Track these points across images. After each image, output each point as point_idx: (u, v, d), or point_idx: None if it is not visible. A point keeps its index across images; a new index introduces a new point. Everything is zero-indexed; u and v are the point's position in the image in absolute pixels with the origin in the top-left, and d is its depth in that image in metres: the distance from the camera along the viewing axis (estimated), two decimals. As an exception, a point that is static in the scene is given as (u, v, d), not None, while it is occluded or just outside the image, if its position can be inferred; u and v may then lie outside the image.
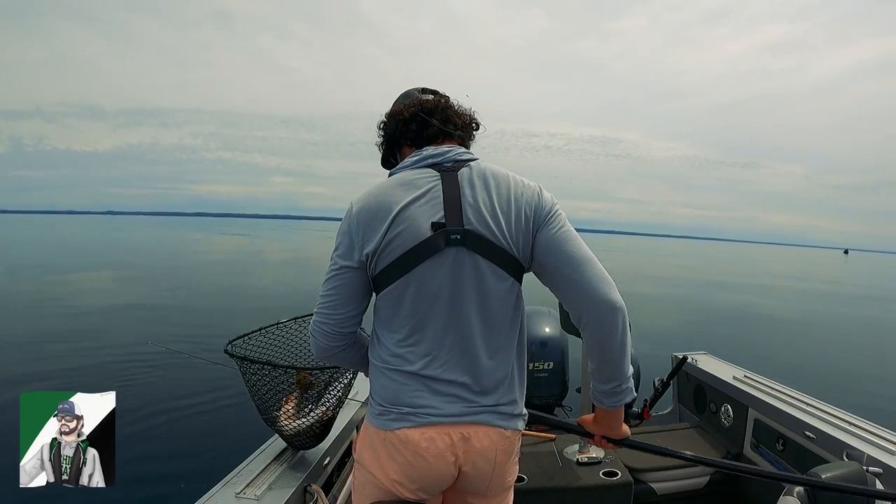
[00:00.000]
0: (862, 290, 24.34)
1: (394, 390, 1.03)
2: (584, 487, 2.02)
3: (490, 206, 1.02)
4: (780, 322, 11.84)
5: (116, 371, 5.60)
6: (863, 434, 1.76)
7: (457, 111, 1.15)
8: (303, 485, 1.53)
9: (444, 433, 1.01)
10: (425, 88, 1.19)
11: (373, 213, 1.01)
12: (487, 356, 1.04)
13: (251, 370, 1.53)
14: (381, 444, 1.03)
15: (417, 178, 1.04)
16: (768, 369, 2.79)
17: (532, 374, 2.99)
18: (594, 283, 0.99)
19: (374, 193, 1.04)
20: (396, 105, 1.17)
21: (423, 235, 0.99)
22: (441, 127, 1.11)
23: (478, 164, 1.07)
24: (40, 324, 8.13)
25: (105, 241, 36.82)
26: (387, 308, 1.05)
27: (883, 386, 6.69)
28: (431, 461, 1.01)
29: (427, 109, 1.12)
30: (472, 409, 1.03)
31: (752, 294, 17.55)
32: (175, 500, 2.99)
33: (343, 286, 1.04)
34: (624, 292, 1.02)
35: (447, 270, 1.01)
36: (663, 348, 3.37)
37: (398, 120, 1.13)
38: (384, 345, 1.06)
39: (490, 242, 1.01)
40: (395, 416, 1.02)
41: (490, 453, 1.05)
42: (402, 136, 1.14)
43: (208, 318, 8.73)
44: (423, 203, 1.01)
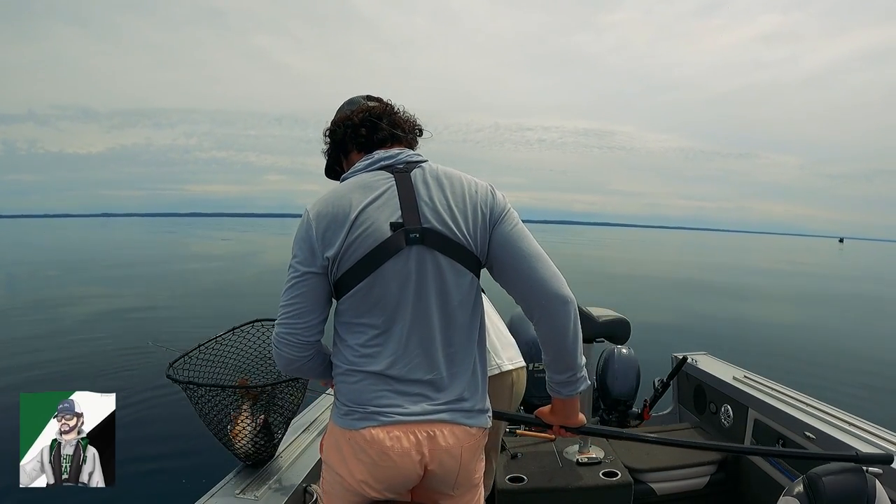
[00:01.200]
0: (858, 279, 24.64)
1: (359, 390, 1.04)
2: (584, 488, 2.02)
3: (446, 204, 1.04)
4: (778, 317, 11.93)
5: (117, 371, 5.61)
6: (863, 434, 1.76)
7: (402, 116, 1.18)
8: (303, 485, 1.53)
9: (410, 432, 1.02)
10: (370, 96, 1.21)
11: (331, 218, 1.02)
12: (450, 354, 1.06)
13: (198, 393, 1.46)
14: (347, 444, 1.04)
15: (372, 181, 1.05)
16: (768, 369, 2.79)
17: (532, 374, 2.99)
18: (547, 278, 1.04)
19: (331, 198, 1.05)
20: (342, 112, 1.19)
21: (384, 236, 1.01)
22: (391, 130, 1.14)
23: (429, 165, 1.10)
24: (39, 327, 8.14)
25: (104, 244, 36.76)
26: (350, 310, 1.05)
27: (881, 379, 6.70)
28: (397, 460, 1.02)
29: (375, 114, 1.14)
30: (437, 407, 1.04)
31: (748, 287, 17.65)
32: (175, 500, 3.00)
33: (307, 293, 1.04)
34: (621, 290, 1.03)
35: (409, 269, 1.02)
36: (663, 348, 3.37)
37: (347, 125, 1.15)
38: (349, 346, 1.06)
39: (449, 239, 1.03)
40: (361, 415, 1.02)
41: (455, 451, 1.06)
42: (351, 142, 1.15)
43: (209, 318, 8.74)
44: (380, 204, 1.03)
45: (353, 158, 1.16)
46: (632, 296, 12.57)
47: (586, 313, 2.14)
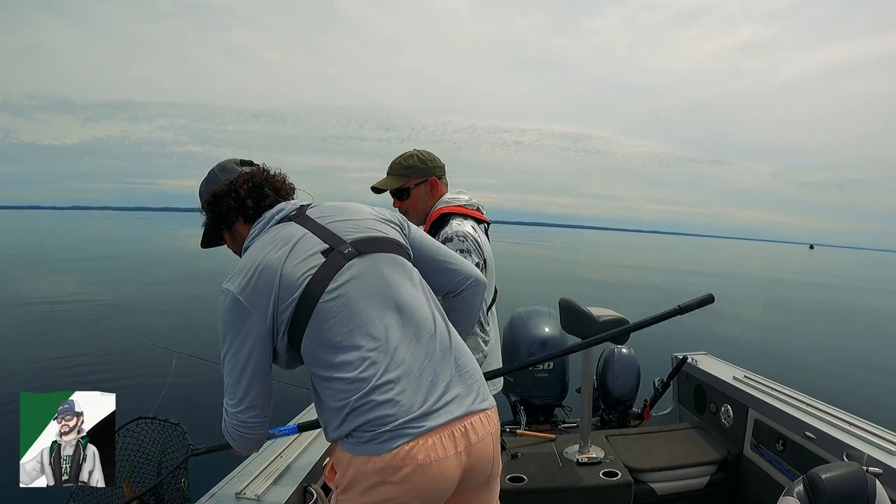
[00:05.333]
0: (824, 280, 26.17)
1: (376, 414, 0.95)
2: (584, 488, 2.02)
3: (353, 219, 1.10)
4: (747, 315, 12.24)
5: (116, 371, 5.60)
6: (863, 434, 1.76)
7: (279, 179, 1.19)
8: (303, 485, 1.53)
9: (444, 435, 0.97)
10: (242, 160, 1.21)
11: (266, 287, 0.98)
12: (439, 341, 1.05)
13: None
14: (374, 474, 0.95)
15: (280, 234, 1.05)
16: (768, 369, 2.79)
17: (532, 374, 2.99)
18: (467, 264, 1.25)
19: (250, 270, 1.00)
20: (218, 183, 1.16)
21: (318, 265, 1.00)
22: (275, 197, 1.15)
23: (318, 203, 1.15)
24: (38, 326, 8.12)
25: (80, 237, 36.38)
26: (327, 349, 0.99)
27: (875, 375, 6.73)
28: (436, 470, 0.96)
29: (258, 183, 1.14)
30: (456, 400, 1.01)
31: (725, 289, 18.01)
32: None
33: (259, 372, 1.01)
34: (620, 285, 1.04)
35: (360, 282, 1.02)
36: (663, 348, 3.37)
37: (233, 198, 1.12)
38: (346, 381, 0.97)
39: (376, 239, 1.08)
40: (389, 435, 0.94)
41: (488, 439, 1.04)
42: (237, 213, 1.14)
43: (208, 318, 8.71)
44: (302, 247, 1.02)
45: (240, 229, 1.15)
46: (619, 287, 12.61)
47: (586, 313, 2.13)
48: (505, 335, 2.97)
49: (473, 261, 1.47)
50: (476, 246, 1.51)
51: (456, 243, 1.48)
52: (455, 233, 1.51)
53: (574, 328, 2.24)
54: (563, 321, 2.35)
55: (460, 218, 1.58)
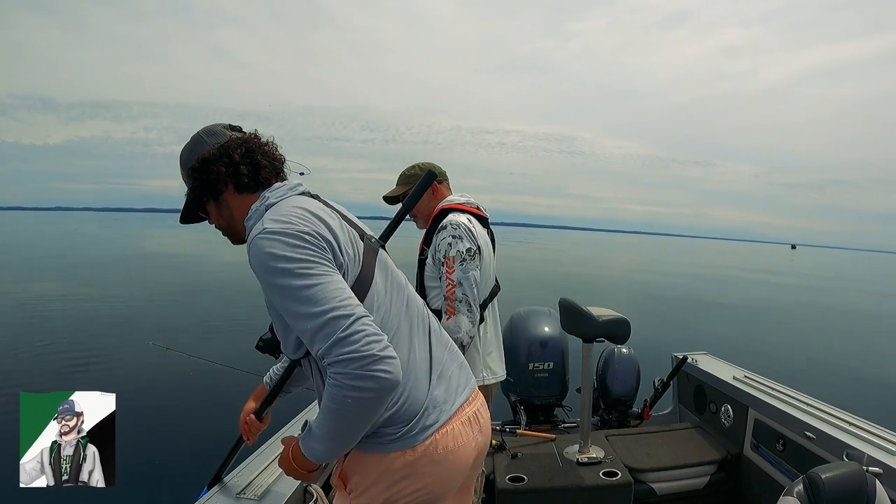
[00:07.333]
0: (807, 282, 26.37)
1: (401, 409, 0.93)
2: (584, 487, 2.02)
3: (351, 217, 1.08)
4: (743, 316, 12.29)
5: (116, 371, 5.60)
6: (863, 434, 1.76)
7: (271, 146, 1.06)
8: (303, 485, 1.53)
9: (462, 419, 1.00)
10: (231, 125, 1.06)
11: (325, 226, 0.92)
12: (434, 330, 1.08)
13: None
14: (405, 467, 0.93)
15: (314, 203, 0.99)
16: (767, 369, 2.79)
17: (532, 374, 2.99)
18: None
19: (308, 216, 0.91)
20: (205, 147, 1.00)
21: (363, 247, 0.99)
22: (272, 166, 1.03)
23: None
24: (38, 326, 8.12)
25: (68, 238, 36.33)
26: None
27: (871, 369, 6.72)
28: (461, 454, 0.98)
29: (252, 149, 1.01)
30: (460, 384, 1.04)
31: (707, 288, 18.34)
32: (176, 500, 3.00)
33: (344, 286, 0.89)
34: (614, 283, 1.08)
35: (387, 273, 1.03)
36: (663, 349, 3.37)
37: (225, 164, 0.98)
38: None
39: (378, 239, 1.10)
40: (420, 427, 0.94)
41: (487, 415, 1.07)
42: (230, 181, 0.99)
43: (207, 317, 8.73)
44: (342, 223, 0.98)
45: (230, 200, 1.01)
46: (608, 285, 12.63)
47: (586, 313, 2.13)
48: (505, 335, 2.97)
49: (465, 246, 1.56)
50: (468, 233, 1.60)
51: (449, 230, 1.59)
52: (450, 222, 1.62)
53: (574, 328, 2.24)
54: (563, 321, 2.35)
55: (457, 212, 1.70)
